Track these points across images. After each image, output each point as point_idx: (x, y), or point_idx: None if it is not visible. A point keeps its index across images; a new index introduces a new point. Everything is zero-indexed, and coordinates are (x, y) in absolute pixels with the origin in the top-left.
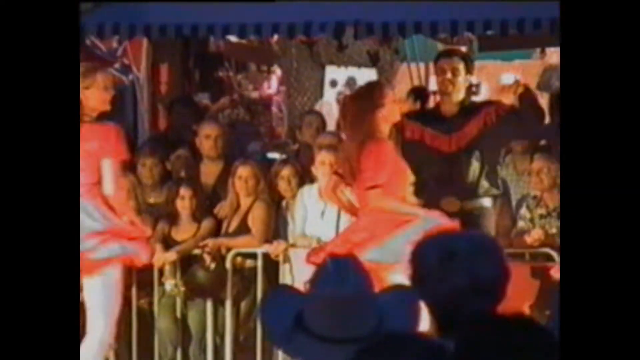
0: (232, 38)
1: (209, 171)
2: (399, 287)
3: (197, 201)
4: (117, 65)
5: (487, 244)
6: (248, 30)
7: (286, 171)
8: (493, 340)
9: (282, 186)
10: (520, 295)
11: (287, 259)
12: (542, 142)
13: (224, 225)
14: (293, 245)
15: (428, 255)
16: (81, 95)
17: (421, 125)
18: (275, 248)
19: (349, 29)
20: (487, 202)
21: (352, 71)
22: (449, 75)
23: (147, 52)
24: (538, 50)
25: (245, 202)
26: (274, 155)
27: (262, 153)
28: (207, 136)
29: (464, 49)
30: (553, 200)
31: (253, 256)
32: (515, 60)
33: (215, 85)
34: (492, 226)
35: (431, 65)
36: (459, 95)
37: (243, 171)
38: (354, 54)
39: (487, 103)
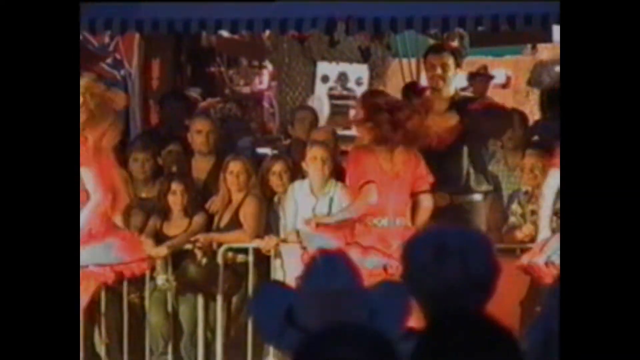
0: (224, 33)
1: (201, 166)
2: (389, 282)
3: (188, 196)
4: (109, 61)
5: (478, 240)
6: (240, 25)
7: (278, 166)
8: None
9: (274, 181)
10: (510, 291)
11: (278, 254)
12: (535, 137)
13: (215, 220)
14: (284, 241)
15: (419, 251)
16: None
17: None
18: (266, 243)
19: (340, 24)
20: (477, 196)
21: (344, 67)
22: (438, 70)
23: (139, 47)
24: (529, 46)
25: (236, 197)
26: (265, 150)
27: (253, 148)
28: (199, 131)
29: (455, 44)
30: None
31: (244, 251)
32: (506, 56)
33: (206, 80)
34: (483, 220)
35: (422, 61)
36: (449, 90)
37: (234, 166)
38: (345, 49)
39: (474, 98)
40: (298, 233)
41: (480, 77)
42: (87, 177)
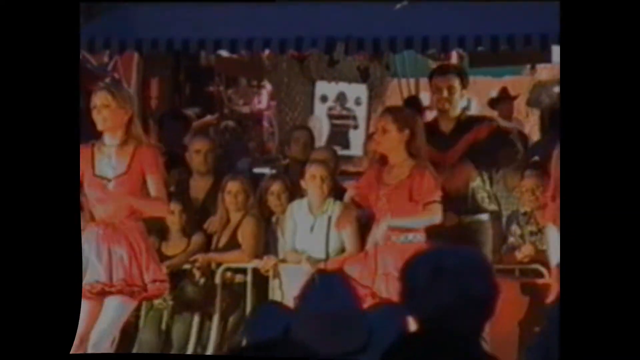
0: (223, 53)
1: (199, 186)
2: (387, 304)
3: (187, 216)
4: (107, 80)
5: (477, 260)
6: (239, 45)
7: (276, 187)
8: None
9: (272, 201)
10: (509, 312)
11: (276, 275)
12: (534, 158)
13: (214, 240)
14: (283, 261)
15: (418, 271)
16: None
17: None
18: (265, 263)
19: (339, 44)
20: (484, 216)
21: (343, 86)
22: (445, 93)
23: (138, 67)
24: (528, 66)
25: (234, 217)
26: (263, 170)
27: (252, 168)
28: (197, 151)
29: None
30: (544, 217)
31: (243, 271)
32: (505, 76)
33: (205, 99)
34: (489, 241)
35: (421, 81)
36: (456, 111)
37: (232, 186)
38: (344, 69)
39: (481, 118)
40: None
41: (503, 101)
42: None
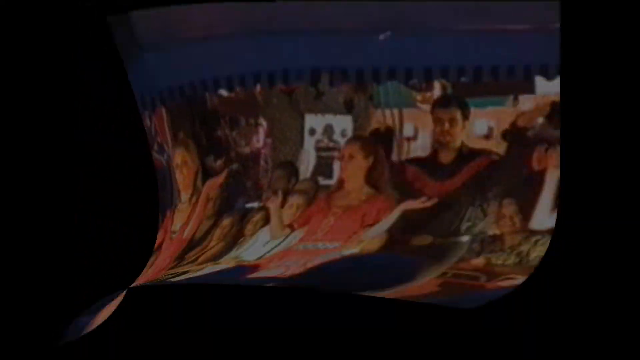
0: (223, 92)
1: (203, 229)
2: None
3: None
4: (156, 147)
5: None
6: (234, 82)
7: (257, 217)
8: None
9: (248, 228)
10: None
11: (198, 271)
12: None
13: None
14: (217, 264)
15: (332, 265)
16: None
17: (415, 168)
18: (197, 266)
19: (324, 75)
20: (465, 238)
21: (329, 118)
22: (446, 126)
23: (168, 123)
24: (511, 97)
25: (212, 244)
26: (253, 204)
27: (245, 204)
28: (210, 199)
29: (437, 93)
30: (513, 239)
31: (175, 275)
32: (488, 107)
33: (217, 145)
34: (457, 256)
35: (405, 111)
36: (456, 143)
37: (226, 221)
38: (330, 101)
39: (486, 150)
40: None
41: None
42: None
